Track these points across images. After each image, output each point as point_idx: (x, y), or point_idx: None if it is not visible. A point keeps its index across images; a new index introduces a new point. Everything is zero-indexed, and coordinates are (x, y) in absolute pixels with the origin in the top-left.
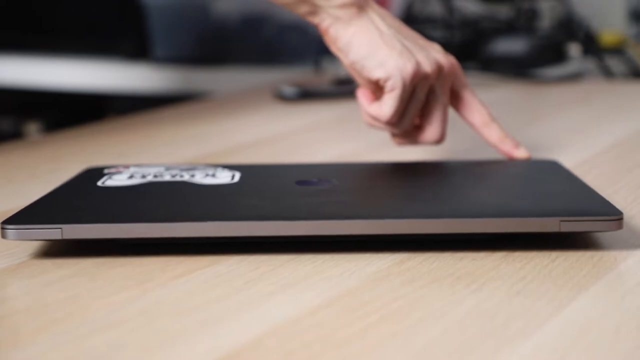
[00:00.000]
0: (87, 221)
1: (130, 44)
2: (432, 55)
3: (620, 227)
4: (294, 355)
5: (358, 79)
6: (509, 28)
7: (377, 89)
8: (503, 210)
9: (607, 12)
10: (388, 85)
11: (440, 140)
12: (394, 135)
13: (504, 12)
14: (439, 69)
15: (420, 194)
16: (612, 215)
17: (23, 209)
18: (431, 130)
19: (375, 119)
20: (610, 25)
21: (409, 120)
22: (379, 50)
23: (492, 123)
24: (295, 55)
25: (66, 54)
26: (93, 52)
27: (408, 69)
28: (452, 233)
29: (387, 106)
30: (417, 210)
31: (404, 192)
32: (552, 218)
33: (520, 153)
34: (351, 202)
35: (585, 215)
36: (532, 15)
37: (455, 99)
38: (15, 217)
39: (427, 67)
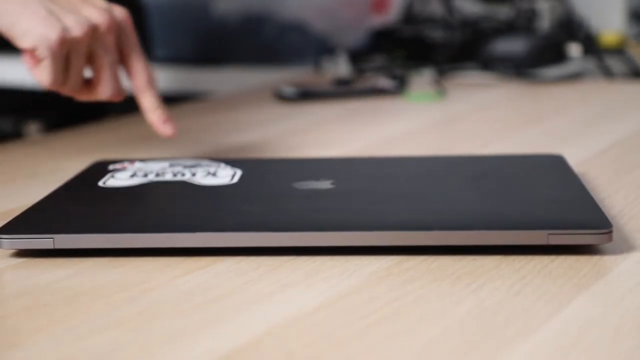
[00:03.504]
0: (79, 231)
1: None
2: (83, 17)
3: (609, 240)
4: (294, 355)
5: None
6: (509, 28)
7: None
8: (490, 222)
9: (607, 12)
10: (38, 55)
11: (115, 96)
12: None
13: (504, 12)
14: (92, 29)
15: (410, 200)
16: (602, 228)
17: (20, 215)
18: (103, 88)
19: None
20: (610, 25)
21: (73, 82)
22: (22, 19)
23: (148, 90)
24: (295, 55)
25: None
26: None
27: (52, 36)
28: (438, 246)
29: (43, 75)
30: (404, 220)
31: (394, 197)
32: (540, 231)
33: (165, 130)
34: (343, 209)
35: (574, 227)
36: (532, 15)
37: (122, 59)
38: (10, 225)
39: (76, 31)
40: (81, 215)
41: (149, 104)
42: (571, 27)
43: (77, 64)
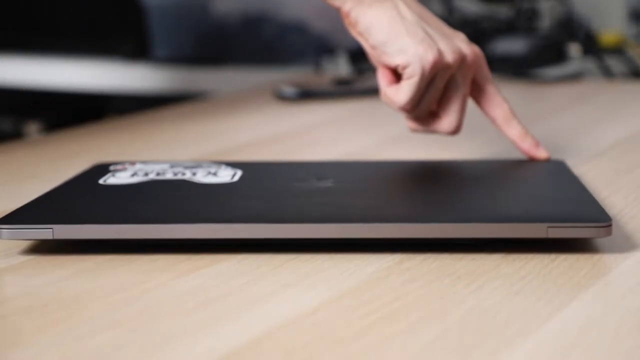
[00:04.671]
0: (79, 222)
1: (130, 44)
2: (455, 45)
3: (609, 233)
4: (294, 355)
5: (376, 64)
6: (509, 28)
7: (397, 74)
8: (491, 215)
9: (607, 12)
10: (407, 72)
11: (455, 131)
12: (408, 119)
13: (504, 12)
14: (462, 59)
15: (411, 196)
16: (602, 221)
17: (20, 207)
18: (447, 120)
19: (391, 101)
20: (610, 25)
21: (424, 108)
22: (400, 37)
23: (513, 119)
24: (295, 55)
25: (66, 54)
26: (93, 52)
27: (429, 57)
28: (438, 237)
29: (403, 92)
30: (406, 213)
31: (395, 193)
32: (539, 224)
33: (540, 153)
34: (345, 204)
35: (574, 221)
36: (532, 15)
37: (477, 92)
38: (10, 216)
39: (449, 56)
40: (81, 208)
41: (517, 133)
42: (571, 27)
43: (436, 88)
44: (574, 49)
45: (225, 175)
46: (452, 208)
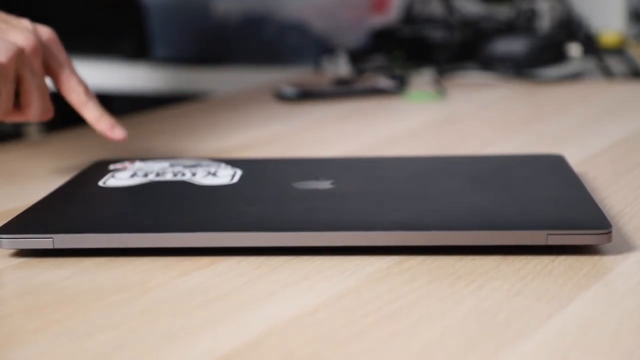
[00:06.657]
0: (78, 231)
1: (130, 44)
2: (8, 42)
3: (609, 240)
4: (294, 355)
5: None
6: (509, 28)
7: None
8: (490, 222)
9: (607, 12)
10: None
11: (45, 116)
12: None
13: (504, 12)
14: (18, 54)
15: (409, 201)
16: (602, 228)
17: (20, 214)
18: (32, 110)
19: None
20: (610, 25)
21: (3, 107)
22: None
23: (89, 102)
24: (295, 55)
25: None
26: (93, 52)
27: None
28: (436, 246)
29: None
30: (403, 220)
31: (393, 197)
32: (539, 231)
33: (116, 134)
34: (342, 209)
35: (574, 228)
36: (532, 15)
37: (52, 77)
38: (10, 225)
39: (2, 56)
40: (81, 215)
41: (92, 115)
42: (571, 27)
43: (6, 90)
44: (574, 49)
45: (225, 176)
46: (450, 213)
